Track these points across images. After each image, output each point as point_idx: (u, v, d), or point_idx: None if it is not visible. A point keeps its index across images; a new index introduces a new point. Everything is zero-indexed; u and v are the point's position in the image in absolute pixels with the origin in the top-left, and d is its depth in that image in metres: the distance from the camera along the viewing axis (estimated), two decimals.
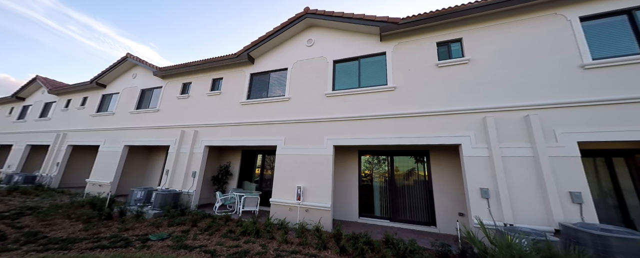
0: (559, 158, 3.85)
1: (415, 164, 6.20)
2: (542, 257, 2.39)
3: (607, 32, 4.26)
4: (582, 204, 3.58)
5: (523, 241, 2.71)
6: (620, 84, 3.87)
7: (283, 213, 5.46)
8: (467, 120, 4.63)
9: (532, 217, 3.78)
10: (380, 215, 6.12)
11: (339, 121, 5.78)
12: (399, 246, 3.55)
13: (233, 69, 7.93)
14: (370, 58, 6.14)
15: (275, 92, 7.12)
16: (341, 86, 6.22)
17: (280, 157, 6.11)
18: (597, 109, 3.88)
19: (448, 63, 5.10)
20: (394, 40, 5.85)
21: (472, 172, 4.33)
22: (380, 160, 6.64)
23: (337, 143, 5.64)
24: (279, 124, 6.46)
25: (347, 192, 6.45)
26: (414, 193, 5.98)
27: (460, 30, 5.24)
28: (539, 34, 4.56)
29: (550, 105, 4.11)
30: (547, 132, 4.01)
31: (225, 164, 8.20)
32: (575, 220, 3.54)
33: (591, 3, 4.35)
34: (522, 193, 3.92)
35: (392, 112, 5.29)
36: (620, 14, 4.23)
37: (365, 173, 6.73)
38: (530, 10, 4.70)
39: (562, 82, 4.19)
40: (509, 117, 4.32)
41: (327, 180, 5.42)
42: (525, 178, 3.96)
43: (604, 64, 4.01)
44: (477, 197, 4.18)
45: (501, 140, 4.25)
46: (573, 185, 3.69)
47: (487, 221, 3.94)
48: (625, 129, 3.67)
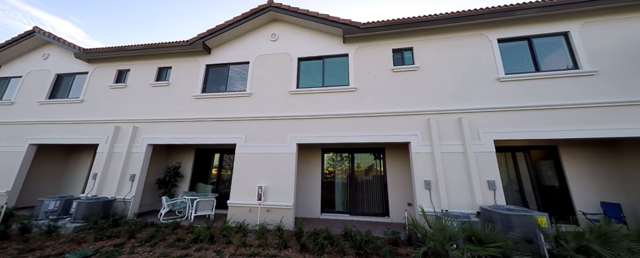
0: (481, 153, 4.72)
1: (374, 161, 6.70)
2: (465, 235, 2.91)
3: (515, 53, 5.40)
4: (495, 190, 4.48)
5: (454, 223, 3.24)
6: (524, 95, 4.95)
7: (242, 215, 5.20)
8: (415, 121, 5.23)
9: (462, 202, 4.54)
10: (341, 210, 6.42)
11: (303, 119, 5.79)
12: (356, 238, 3.80)
13: (185, 58, 7.08)
14: (334, 58, 6.32)
15: (235, 87, 6.67)
16: (305, 84, 6.23)
17: (240, 156, 5.77)
18: (508, 114, 4.89)
19: (401, 69, 5.65)
20: (356, 43, 6.14)
21: (418, 166, 4.94)
22: (343, 157, 6.94)
23: (301, 141, 5.65)
24: (239, 121, 6.09)
25: (310, 189, 6.54)
26: (371, 187, 6.47)
27: (411, 40, 5.85)
28: (469, 50, 5.46)
29: (476, 109, 4.99)
30: (474, 131, 4.86)
31: (174, 165, 7.30)
32: (490, 203, 4.40)
33: (505, 28, 5.42)
34: (455, 183, 4.67)
35: (354, 111, 5.58)
36: (523, 40, 5.41)
37: (328, 171, 6.94)
38: (463, 29, 5.57)
39: (485, 91, 5.12)
40: (447, 119, 5.07)
41: (290, 179, 5.38)
42: (457, 170, 4.73)
43: (513, 79, 5.06)
44: (422, 188, 4.79)
45: (441, 139, 4.95)
46: (490, 175, 4.57)
47: (429, 209, 4.56)
48: (526, 130, 4.73)
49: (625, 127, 4.32)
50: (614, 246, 2.32)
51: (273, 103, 6.10)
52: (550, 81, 4.87)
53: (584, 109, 4.56)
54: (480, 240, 2.79)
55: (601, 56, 4.78)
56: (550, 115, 4.67)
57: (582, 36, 4.99)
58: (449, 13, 5.35)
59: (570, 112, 4.60)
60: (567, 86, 4.77)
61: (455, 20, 5.38)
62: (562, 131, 4.55)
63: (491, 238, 2.74)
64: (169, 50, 6.91)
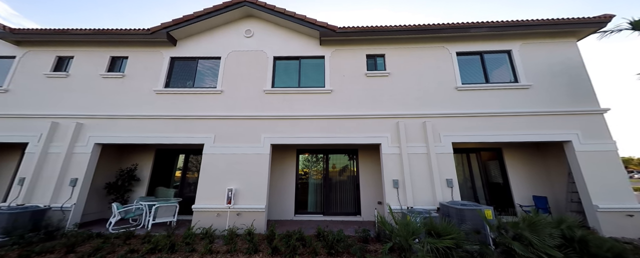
0: (441, 154, 5.21)
1: (348, 162, 6.89)
2: (426, 229, 3.19)
3: (470, 66, 6.10)
4: (453, 188, 4.98)
5: (417, 219, 3.52)
6: (477, 103, 5.61)
7: (209, 221, 4.86)
8: (386, 124, 5.54)
9: (425, 199, 4.94)
10: (315, 211, 6.45)
11: (278, 119, 5.69)
12: (328, 237, 3.85)
13: (145, 49, 6.38)
14: (311, 60, 6.35)
15: (205, 83, 6.24)
16: (281, 84, 6.13)
17: (208, 157, 5.40)
18: (464, 119, 5.49)
19: (374, 74, 5.95)
20: (332, 46, 6.27)
21: (388, 166, 5.23)
22: (318, 158, 6.99)
23: (275, 142, 5.53)
24: (208, 120, 5.70)
25: (284, 190, 6.43)
26: (345, 187, 6.64)
27: (384, 47, 6.20)
28: (433, 60, 6.01)
29: (438, 114, 5.50)
30: (436, 134, 5.35)
31: (128, 167, 6.49)
32: (448, 199, 4.88)
33: (462, 43, 6.09)
34: (419, 182, 5.06)
35: (330, 113, 5.67)
36: (476, 54, 6.16)
37: (304, 172, 6.92)
38: (428, 41, 6.12)
39: (445, 98, 5.68)
40: (414, 123, 5.48)
41: (262, 181, 5.22)
42: (421, 170, 5.14)
43: (468, 88, 5.71)
44: (391, 187, 5.09)
45: (408, 141, 5.33)
46: (448, 174, 5.08)
47: (396, 206, 4.86)
48: (478, 134, 5.37)
49: (549, 133, 5.22)
50: (540, 233, 2.77)
51: (246, 102, 5.86)
52: (497, 92, 5.63)
53: (521, 116, 5.37)
54: (438, 233, 3.08)
55: (534, 73, 5.69)
56: (496, 121, 5.39)
57: (521, 55, 5.88)
58: (416, 25, 5.82)
59: (511, 119, 5.38)
60: (509, 97, 5.57)
61: (421, 32, 5.88)
62: (505, 135, 5.29)
63: (447, 231, 3.04)
64: (125, 38, 6.15)
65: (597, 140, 5.02)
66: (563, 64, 5.67)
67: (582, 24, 5.49)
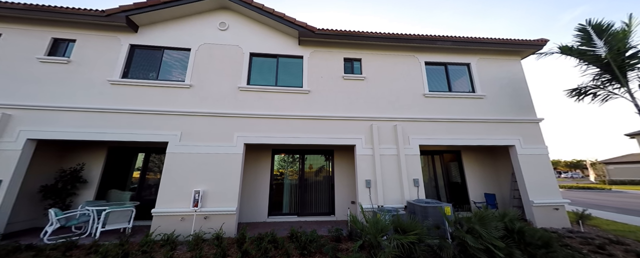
0: (410, 156, 5.58)
1: (324, 162, 6.95)
2: (394, 226, 3.39)
3: (437, 75, 6.65)
4: (418, 187, 5.37)
5: (386, 217, 3.71)
6: (441, 109, 6.13)
7: (172, 226, 4.46)
8: (360, 126, 5.74)
9: (394, 198, 5.24)
10: (289, 212, 6.36)
11: (253, 118, 5.49)
12: (301, 238, 3.84)
13: (99, 33, 5.63)
14: (289, 59, 6.27)
15: (171, 76, 5.73)
16: (257, 81, 5.94)
17: (173, 156, 4.97)
18: (430, 124, 5.96)
19: (351, 77, 6.12)
20: (311, 47, 6.28)
21: (362, 167, 5.42)
22: (295, 158, 6.91)
23: (249, 141, 5.32)
24: (174, 116, 5.24)
25: (258, 192, 6.23)
26: (320, 188, 6.68)
27: (361, 52, 6.43)
28: (405, 68, 6.42)
29: (408, 119, 5.89)
30: (405, 137, 5.72)
31: (73, 167, 5.61)
32: (414, 197, 5.25)
33: (430, 54, 6.62)
34: (389, 182, 5.35)
35: (307, 113, 5.66)
36: (442, 65, 6.74)
37: (279, 172, 6.78)
38: (401, 50, 6.52)
39: (415, 103, 6.11)
40: (386, 125, 5.78)
41: (234, 182, 4.98)
42: (391, 170, 5.44)
43: (434, 95, 6.21)
44: (363, 186, 5.28)
45: (380, 142, 5.60)
46: (415, 174, 5.46)
47: (368, 205, 5.06)
48: (442, 138, 5.87)
49: (499, 138, 5.96)
50: (487, 226, 3.15)
51: (219, 98, 5.54)
52: (458, 100, 6.24)
53: (477, 123, 6.04)
54: (404, 229, 3.29)
55: (487, 84, 6.45)
56: (457, 126, 5.98)
57: (477, 68, 6.61)
58: (390, 33, 6.15)
59: (469, 125, 6.01)
60: (467, 105, 6.22)
61: (394, 40, 6.24)
62: (464, 139, 5.89)
63: (412, 228, 3.26)
64: (72, 18, 5.34)
65: (534, 145, 5.90)
66: (509, 79, 6.54)
67: (524, 45, 6.40)
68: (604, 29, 4.95)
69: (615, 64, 4.74)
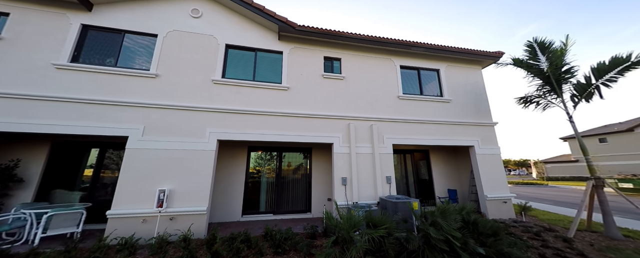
0: (383, 154, 5.85)
1: (302, 160, 6.92)
2: (366, 221, 3.54)
3: (410, 79, 7.05)
4: (391, 184, 5.67)
5: (360, 213, 3.85)
6: (413, 111, 6.53)
7: (131, 228, 4.05)
8: (338, 124, 5.84)
9: (368, 195, 5.45)
10: (265, 210, 6.22)
11: (228, 113, 5.22)
12: (276, 237, 3.79)
13: (42, 8, 4.83)
14: (268, 54, 6.10)
15: (133, 63, 5.17)
16: (234, 75, 5.66)
17: (134, 153, 4.49)
18: (403, 124, 6.29)
19: (330, 76, 6.18)
20: (291, 43, 6.18)
21: (338, 165, 5.53)
22: (273, 156, 6.75)
23: (224, 137, 5.06)
24: (136, 107, 4.74)
25: (232, 190, 5.96)
26: (297, 185, 6.64)
27: (341, 52, 6.52)
28: (382, 70, 6.70)
29: (384, 119, 6.16)
30: (380, 137, 5.97)
31: (4, 164, 4.73)
32: (387, 194, 5.53)
33: (405, 58, 6.98)
34: (364, 179, 5.55)
35: (286, 110, 5.57)
36: (415, 70, 7.17)
37: (256, 170, 6.58)
38: (378, 52, 6.78)
39: (390, 104, 6.40)
40: (362, 125, 5.97)
41: (205, 180, 4.69)
42: (366, 168, 5.64)
43: (407, 98, 6.58)
44: (340, 184, 5.39)
45: (357, 141, 5.77)
46: (388, 172, 5.75)
47: (343, 202, 5.18)
48: (413, 137, 6.24)
49: (462, 139, 6.54)
50: (448, 218, 3.45)
51: (190, 91, 5.16)
52: (428, 103, 6.71)
53: (444, 125, 6.57)
54: (375, 224, 3.45)
55: (453, 90, 7.05)
56: (427, 127, 6.43)
57: (446, 74, 7.18)
58: (368, 35, 6.34)
59: (436, 126, 6.51)
60: (436, 108, 6.72)
61: (373, 43, 6.46)
62: (432, 140, 6.36)
63: (382, 222, 3.43)
64: None
65: (489, 146, 6.63)
66: (472, 86, 7.23)
67: (484, 55, 7.14)
68: (547, 47, 5.75)
69: (554, 77, 5.54)
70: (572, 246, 4.04)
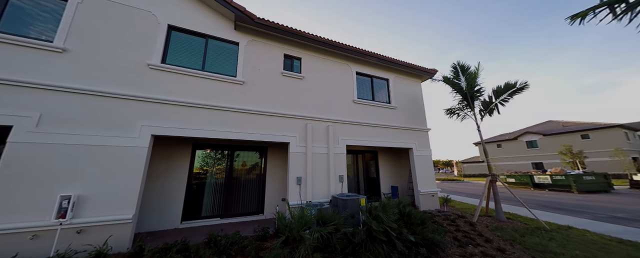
0: (338, 154, 6.13)
1: (257, 159, 6.55)
2: (316, 218, 3.64)
3: (364, 85, 7.60)
4: (343, 182, 5.98)
5: (312, 211, 3.92)
6: (367, 114, 7.06)
7: (13, 248, 3.04)
8: (296, 124, 5.80)
9: (322, 193, 5.60)
10: (211, 214, 5.63)
11: (169, 104, 4.52)
12: (221, 242, 3.48)
13: None
14: (222, 43, 5.57)
15: (28, 30, 3.90)
16: (177, 62, 4.94)
17: (21, 148, 3.39)
18: (356, 127, 6.73)
19: (290, 74, 6.10)
20: (248, 35, 5.82)
21: (294, 164, 5.49)
22: (224, 154, 6.17)
23: (161, 132, 4.34)
24: (28, 89, 3.60)
25: (170, 194, 5.17)
26: (250, 186, 6.26)
27: (301, 51, 6.52)
28: (340, 74, 7.02)
29: (339, 121, 6.45)
30: (336, 138, 6.23)
31: None
32: (339, 192, 5.80)
33: (361, 66, 7.51)
34: (318, 178, 5.68)
35: (240, 106, 5.18)
36: (369, 77, 7.79)
37: (203, 170, 5.87)
38: (336, 57, 7.08)
39: (345, 107, 6.76)
40: (319, 125, 6.11)
41: (132, 182, 3.92)
42: (321, 168, 5.80)
43: (361, 102, 7.08)
44: (294, 183, 5.36)
45: (313, 141, 5.86)
46: (341, 171, 6.04)
47: (297, 201, 5.18)
48: (364, 139, 6.74)
49: (403, 142, 7.46)
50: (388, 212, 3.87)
51: (116, 74, 4.24)
52: (378, 108, 7.39)
53: (390, 129, 7.34)
54: (324, 221, 3.58)
55: (399, 98, 7.97)
56: (376, 130, 7.06)
57: (394, 84, 8.06)
58: (329, 39, 6.55)
59: (385, 130, 7.22)
60: (385, 113, 7.46)
61: (333, 47, 6.70)
62: (381, 142, 7.02)
63: (331, 219, 3.59)
64: None
65: (423, 148, 7.76)
66: (413, 96, 8.34)
67: (423, 71, 8.34)
68: (465, 69, 7.16)
69: (469, 94, 6.94)
70: (475, 228, 5.12)
